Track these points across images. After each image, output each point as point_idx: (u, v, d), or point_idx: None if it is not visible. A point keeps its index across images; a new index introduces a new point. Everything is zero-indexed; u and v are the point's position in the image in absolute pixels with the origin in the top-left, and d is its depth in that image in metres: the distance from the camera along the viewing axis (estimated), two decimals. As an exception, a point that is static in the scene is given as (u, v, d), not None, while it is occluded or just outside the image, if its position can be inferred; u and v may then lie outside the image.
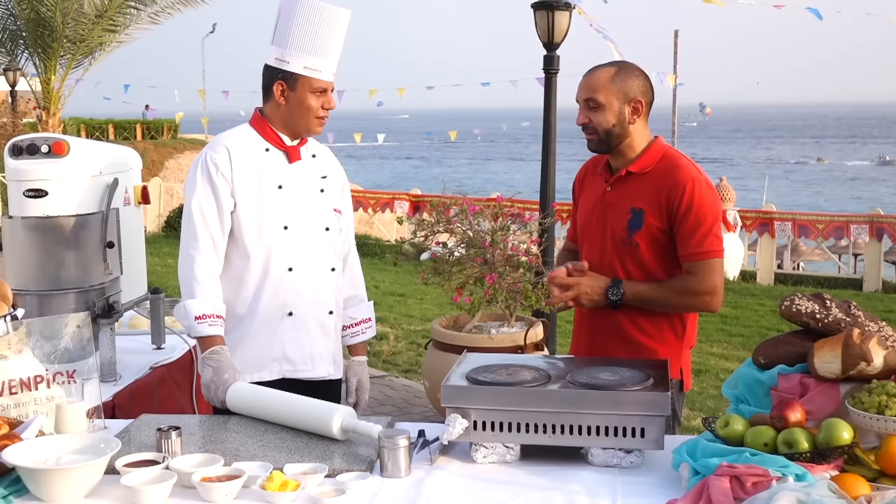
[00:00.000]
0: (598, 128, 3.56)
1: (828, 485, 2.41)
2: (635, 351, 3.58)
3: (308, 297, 3.74)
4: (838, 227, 15.68)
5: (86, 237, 4.09)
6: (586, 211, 3.76)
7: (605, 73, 3.57)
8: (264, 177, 3.67)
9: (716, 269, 3.52)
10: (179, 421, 3.26)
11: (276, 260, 3.67)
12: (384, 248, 19.14)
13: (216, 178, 3.62)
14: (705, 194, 3.53)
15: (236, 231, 3.66)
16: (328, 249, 3.80)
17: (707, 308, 3.58)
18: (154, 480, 2.70)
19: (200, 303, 3.57)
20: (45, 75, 20.30)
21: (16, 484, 2.73)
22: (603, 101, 3.53)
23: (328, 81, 3.64)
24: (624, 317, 3.61)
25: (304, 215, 3.72)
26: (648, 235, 3.55)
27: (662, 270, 3.57)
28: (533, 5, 9.13)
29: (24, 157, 4.12)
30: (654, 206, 3.54)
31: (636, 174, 3.60)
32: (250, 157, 3.67)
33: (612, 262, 3.59)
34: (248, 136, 3.72)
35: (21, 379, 3.14)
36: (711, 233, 3.51)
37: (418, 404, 8.17)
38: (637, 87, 3.57)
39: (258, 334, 3.71)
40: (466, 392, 2.95)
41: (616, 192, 3.64)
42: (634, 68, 3.64)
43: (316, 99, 3.63)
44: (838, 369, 2.75)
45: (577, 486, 2.74)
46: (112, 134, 41.90)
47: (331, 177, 3.85)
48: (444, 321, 7.65)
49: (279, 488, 2.64)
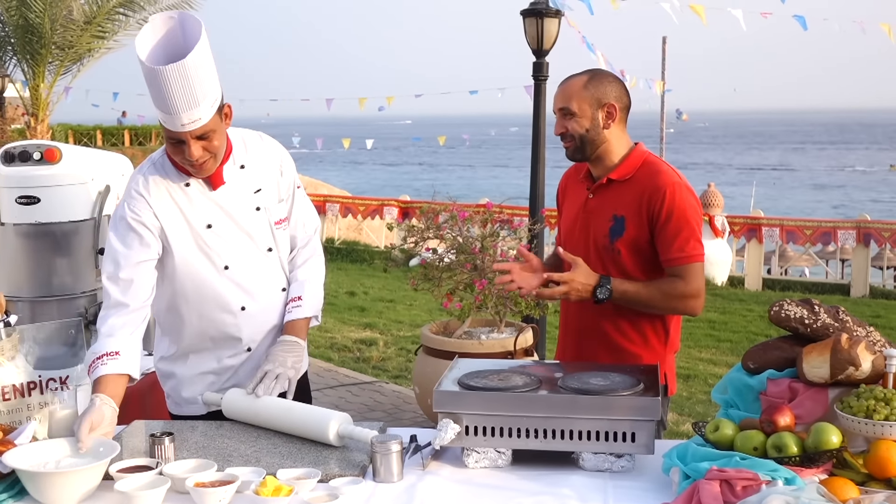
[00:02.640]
0: (574, 134, 3.58)
1: (817, 488, 2.43)
2: (619, 357, 3.60)
3: (265, 328, 3.62)
4: (826, 233, 15.72)
5: (78, 243, 4.11)
6: (570, 218, 3.79)
7: (577, 81, 3.60)
8: (191, 218, 3.45)
9: (700, 273, 3.55)
10: (172, 427, 3.27)
11: (225, 301, 3.52)
12: (373, 255, 19.15)
13: (137, 227, 3.38)
14: (686, 199, 3.55)
15: (179, 274, 3.47)
16: (276, 270, 3.63)
17: (691, 311, 3.61)
18: (148, 486, 2.71)
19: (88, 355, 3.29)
20: (33, 81, 20.26)
21: (10, 489, 2.75)
22: (575, 109, 3.56)
23: (176, 132, 3.27)
24: (608, 323, 3.64)
25: (243, 248, 3.53)
26: (630, 242, 3.57)
27: (644, 277, 3.59)
28: (522, 12, 9.16)
29: (17, 163, 4.14)
30: (635, 213, 3.56)
31: (617, 181, 3.62)
32: (171, 198, 3.44)
33: (595, 268, 3.60)
34: (165, 173, 3.46)
35: (14, 385, 3.16)
36: (694, 237, 3.53)
37: (408, 410, 8.18)
38: (610, 93, 3.59)
39: (215, 368, 3.61)
40: (458, 397, 2.97)
41: (598, 199, 3.66)
42: (607, 74, 3.66)
43: (174, 148, 3.34)
44: (827, 374, 2.77)
45: (568, 490, 2.76)
46: (100, 140, 41.82)
47: (266, 187, 3.58)
48: (433, 327, 7.66)
49: (272, 493, 2.65)
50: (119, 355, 3.22)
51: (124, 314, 3.32)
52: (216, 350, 3.59)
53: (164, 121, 3.28)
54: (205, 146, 3.31)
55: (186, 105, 3.21)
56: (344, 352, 10.55)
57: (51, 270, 4.08)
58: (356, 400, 8.44)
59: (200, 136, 3.28)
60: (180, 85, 3.18)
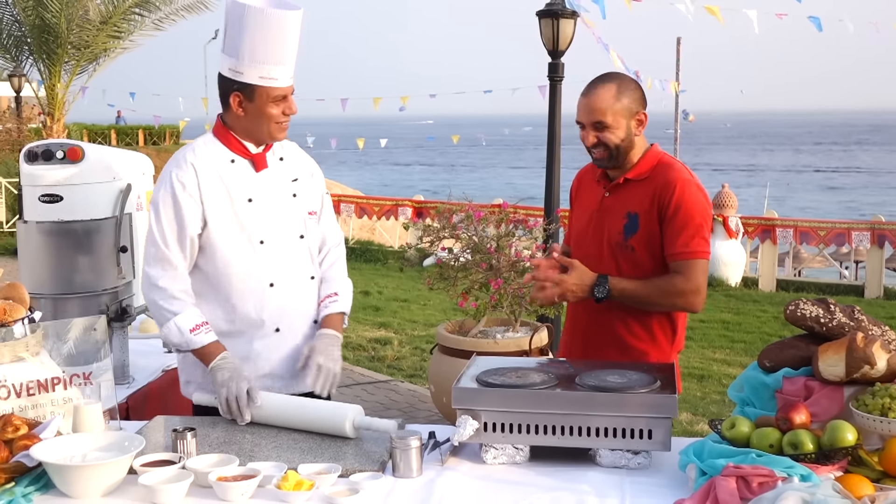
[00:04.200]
0: (609, 145, 3.60)
1: (832, 485, 2.46)
2: (626, 354, 3.64)
3: (293, 311, 3.68)
4: (840, 234, 15.69)
5: (99, 242, 4.15)
6: (584, 217, 3.82)
7: (607, 92, 3.59)
8: (233, 191, 3.57)
9: (701, 270, 3.58)
10: (193, 422, 3.31)
11: (256, 276, 3.60)
12: (387, 254, 19.18)
13: (182, 198, 3.52)
14: (694, 195, 3.59)
15: (211, 249, 3.58)
16: (306, 258, 3.72)
17: (691, 308, 3.64)
18: (171, 480, 2.75)
19: (188, 316, 3.52)
20: (49, 81, 20.35)
21: (36, 482, 2.80)
22: (611, 122, 3.58)
23: (286, 87, 3.50)
24: (617, 320, 3.68)
25: (279, 227, 3.64)
26: (644, 239, 3.61)
27: (657, 273, 3.62)
28: (538, 13, 9.19)
29: (40, 162, 4.17)
30: (648, 209, 3.61)
31: (633, 180, 3.67)
32: (217, 171, 3.57)
33: (609, 266, 3.64)
34: (212, 149, 3.61)
35: (38, 381, 3.20)
36: (699, 234, 3.57)
37: (423, 408, 8.21)
38: (638, 101, 3.63)
39: (245, 353, 3.65)
40: (477, 394, 3.01)
41: (613, 197, 3.71)
42: (630, 81, 3.69)
43: (276, 107, 3.51)
44: (842, 372, 2.80)
45: (586, 486, 2.79)
46: (114, 139, 41.98)
47: (302, 178, 3.74)
48: (449, 326, 7.69)
49: (294, 488, 2.70)
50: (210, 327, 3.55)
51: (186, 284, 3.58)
52: (245, 332, 3.65)
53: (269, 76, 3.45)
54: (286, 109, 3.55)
55: (292, 57, 3.47)
56: (359, 351, 10.58)
57: (73, 268, 4.12)
58: (371, 398, 8.48)
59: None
60: (292, 37, 3.44)
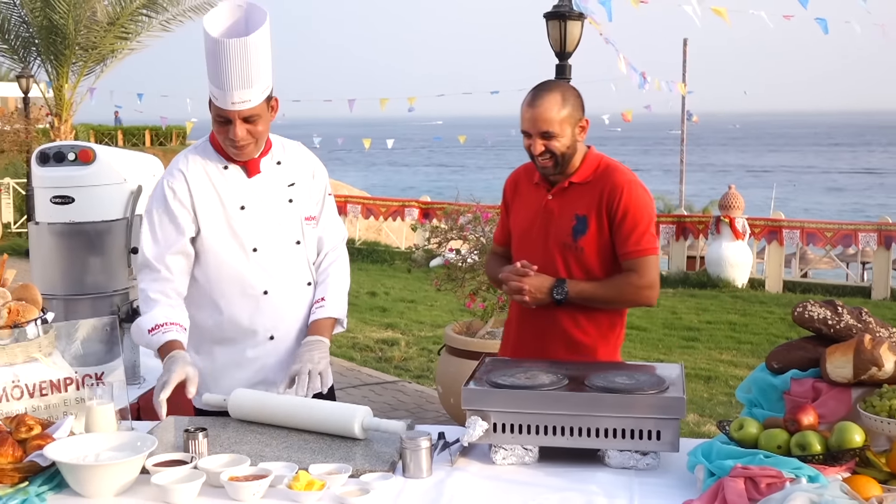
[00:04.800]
0: (556, 153, 3.69)
1: (840, 486, 2.47)
2: (576, 350, 3.75)
3: (288, 319, 3.71)
4: (846, 236, 15.69)
5: (111, 243, 4.19)
6: (526, 219, 3.90)
7: (552, 102, 3.66)
8: (226, 199, 3.59)
9: (654, 265, 3.73)
10: (204, 423, 3.33)
11: (250, 284, 3.63)
12: (394, 255, 19.22)
13: (173, 205, 3.56)
14: (640, 196, 3.72)
15: (204, 256, 3.61)
16: (302, 264, 3.74)
17: (647, 302, 3.77)
18: (184, 479, 2.77)
19: (150, 316, 3.51)
20: (57, 82, 20.37)
21: (50, 481, 2.82)
22: (558, 131, 3.66)
23: (226, 110, 3.45)
24: (566, 317, 3.76)
25: (273, 233, 3.65)
26: (593, 240, 3.72)
27: (604, 272, 3.74)
28: (546, 15, 9.21)
29: (52, 164, 4.21)
30: (596, 212, 3.72)
31: (577, 184, 3.77)
32: (209, 178, 3.60)
33: (554, 266, 3.75)
34: (206, 155, 3.64)
35: (51, 381, 3.22)
36: (648, 231, 3.71)
37: (431, 409, 8.24)
38: (580, 108, 3.73)
39: (239, 360, 3.69)
40: (486, 395, 3.02)
41: (558, 200, 3.80)
42: (572, 89, 3.77)
43: (220, 126, 3.51)
44: (850, 374, 2.81)
45: (594, 486, 2.81)
46: (121, 140, 42.08)
47: (300, 182, 3.74)
48: (456, 327, 7.71)
49: (305, 488, 2.72)
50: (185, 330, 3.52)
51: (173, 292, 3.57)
52: (240, 341, 3.68)
53: (216, 97, 3.45)
54: (249, 129, 3.48)
55: (240, 83, 3.39)
56: (366, 351, 10.61)
57: (84, 269, 4.15)
58: (379, 399, 8.50)
59: (247, 119, 3.46)
60: (238, 62, 3.37)
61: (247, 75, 3.39)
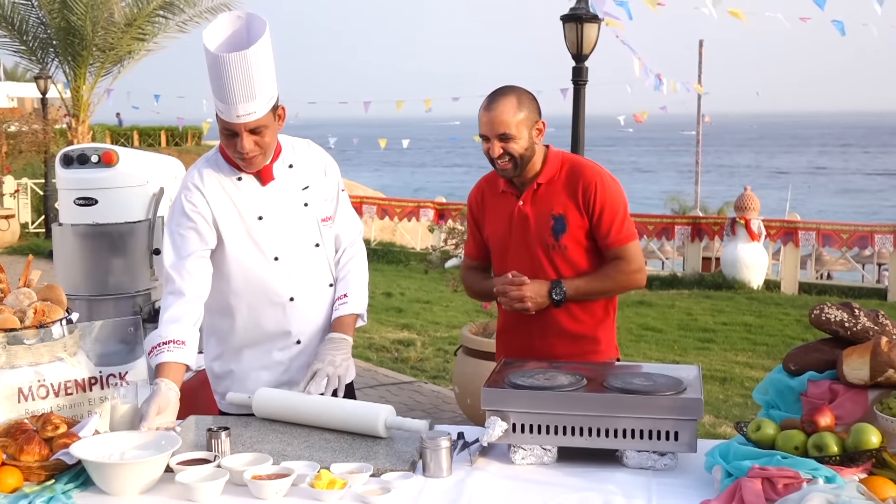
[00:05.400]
0: (514, 155, 3.75)
1: (857, 487, 2.50)
2: (577, 343, 3.84)
3: (314, 321, 3.75)
4: (862, 237, 15.67)
5: (133, 244, 4.23)
6: (500, 228, 3.96)
7: (508, 105, 3.73)
8: (243, 210, 3.61)
9: (638, 249, 3.90)
10: (227, 422, 3.37)
11: (275, 292, 3.66)
12: (409, 256, 19.26)
13: (195, 217, 3.56)
14: (612, 188, 3.85)
15: (227, 267, 3.63)
16: (323, 265, 3.77)
17: (638, 285, 3.95)
18: (208, 478, 2.81)
19: (153, 336, 3.48)
20: (74, 83, 20.48)
21: (76, 479, 2.86)
22: (515, 133, 3.72)
23: (232, 123, 3.44)
24: (561, 312, 3.84)
25: (292, 240, 3.68)
26: (574, 236, 3.82)
27: (590, 265, 3.85)
28: (562, 18, 9.23)
29: (75, 166, 4.26)
30: (574, 209, 3.81)
31: (545, 184, 3.85)
32: (224, 191, 3.61)
33: (542, 268, 3.84)
34: (219, 168, 3.64)
35: (76, 380, 3.27)
36: (626, 219, 3.87)
37: (447, 409, 8.27)
38: (536, 111, 3.81)
39: (265, 362, 3.73)
40: (506, 396, 3.06)
41: (530, 204, 3.87)
42: (527, 93, 3.83)
43: (227, 139, 3.51)
44: (867, 376, 2.83)
45: (613, 486, 2.84)
46: (136, 141, 42.25)
47: (313, 183, 3.74)
48: (473, 328, 7.74)
49: (327, 486, 2.75)
50: (184, 345, 3.41)
51: (185, 303, 3.50)
52: (267, 344, 3.71)
53: (221, 111, 3.44)
54: (256, 141, 3.48)
55: (244, 97, 3.38)
56: (382, 352, 10.65)
57: (107, 270, 4.20)
58: (396, 399, 8.53)
59: (253, 131, 3.45)
60: (240, 75, 3.36)
61: (250, 88, 3.38)
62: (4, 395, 3.11)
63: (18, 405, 3.13)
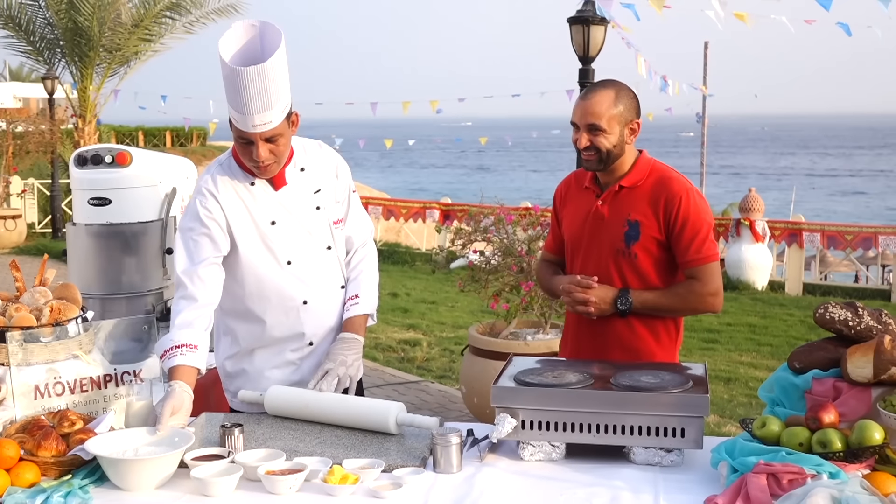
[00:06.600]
0: (601, 149, 3.68)
1: (860, 482, 2.54)
2: (634, 356, 3.74)
3: (326, 323, 3.78)
4: (867, 238, 15.67)
5: (146, 243, 4.27)
6: (576, 224, 3.89)
7: (605, 98, 3.67)
8: (256, 215, 3.63)
9: (716, 272, 3.73)
10: (239, 419, 3.42)
11: (289, 296, 3.69)
12: (415, 257, 19.29)
13: (209, 223, 3.57)
14: (698, 204, 3.71)
15: (241, 272, 3.66)
16: (335, 267, 3.80)
17: (712, 309, 3.78)
18: (222, 473, 2.86)
19: (164, 341, 3.48)
20: (81, 83, 20.52)
21: (92, 475, 2.91)
22: (605, 127, 3.65)
23: (248, 132, 3.46)
24: (622, 324, 3.76)
25: (304, 244, 3.70)
26: (646, 246, 3.71)
27: (659, 279, 3.75)
28: (569, 20, 9.25)
29: (89, 166, 4.31)
30: (652, 218, 3.71)
31: (628, 188, 3.76)
32: (238, 196, 3.63)
33: (608, 273, 3.75)
34: (232, 174, 3.66)
35: (91, 377, 3.32)
36: (708, 238, 3.71)
37: (454, 409, 8.31)
38: (633, 110, 3.72)
39: (277, 362, 3.77)
40: (515, 393, 3.10)
41: (609, 205, 3.78)
42: (628, 90, 3.76)
43: (243, 148, 3.53)
44: (870, 374, 2.87)
45: (620, 482, 2.88)
46: (142, 141, 42.30)
47: (325, 186, 3.77)
48: (480, 328, 7.77)
49: (340, 481, 2.80)
50: (197, 349, 3.44)
51: (197, 308, 3.52)
52: (279, 345, 3.75)
53: (236, 121, 3.46)
54: (271, 149, 3.51)
55: (260, 107, 3.40)
56: (389, 352, 10.69)
57: (120, 269, 4.25)
58: (403, 399, 8.57)
59: (269, 139, 3.48)
60: (257, 87, 3.38)
61: (266, 99, 3.40)
62: (21, 392, 3.16)
63: (35, 402, 3.18)
